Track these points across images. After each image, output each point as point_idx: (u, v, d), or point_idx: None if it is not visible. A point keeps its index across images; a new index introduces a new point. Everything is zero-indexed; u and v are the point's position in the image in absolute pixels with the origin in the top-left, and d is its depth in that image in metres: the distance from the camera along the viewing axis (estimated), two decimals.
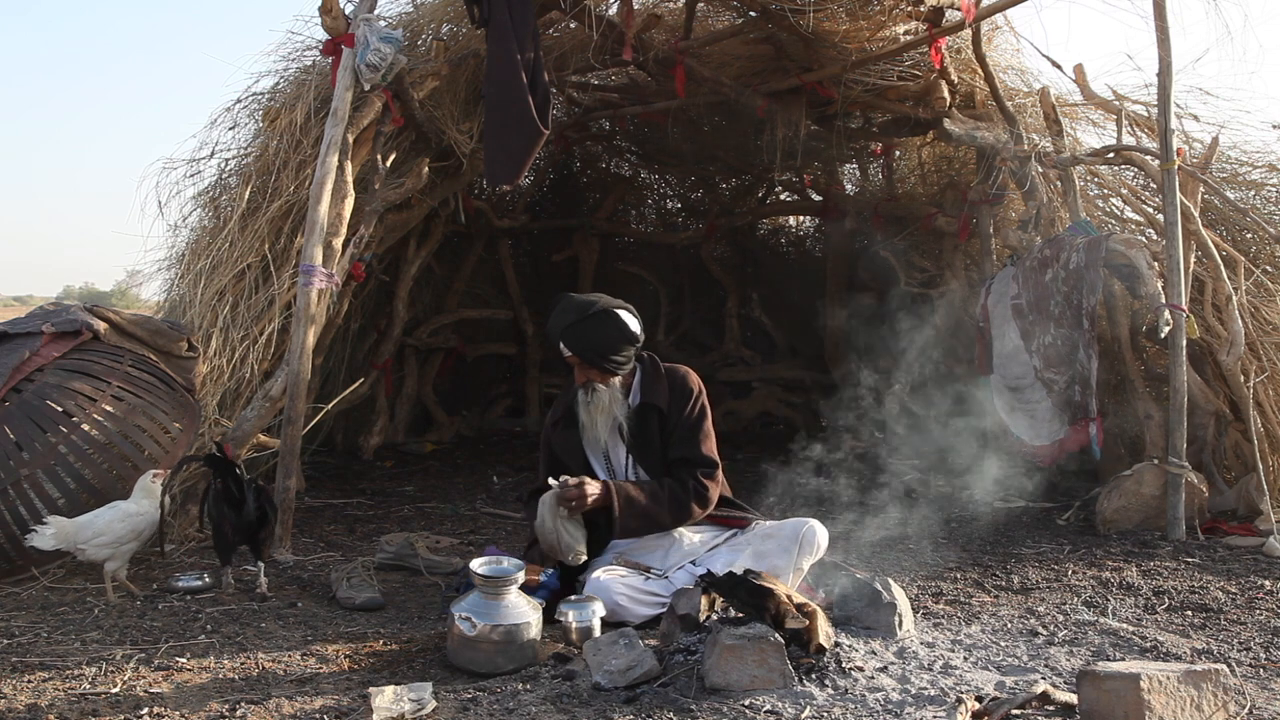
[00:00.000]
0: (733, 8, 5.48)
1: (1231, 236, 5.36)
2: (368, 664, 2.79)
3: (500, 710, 2.41)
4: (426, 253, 6.85)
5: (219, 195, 5.05)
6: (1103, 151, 5.23)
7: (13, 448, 3.53)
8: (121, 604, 3.29)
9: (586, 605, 2.93)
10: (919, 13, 5.00)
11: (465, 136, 5.41)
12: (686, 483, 3.30)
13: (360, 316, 6.54)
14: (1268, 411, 4.76)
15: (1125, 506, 4.44)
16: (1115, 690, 2.23)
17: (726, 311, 8.61)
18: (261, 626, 3.11)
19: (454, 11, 5.46)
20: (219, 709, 2.41)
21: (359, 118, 4.55)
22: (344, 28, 4.38)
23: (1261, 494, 4.44)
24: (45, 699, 2.47)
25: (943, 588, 3.60)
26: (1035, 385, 4.84)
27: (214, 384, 4.30)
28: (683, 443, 3.34)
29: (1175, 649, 2.88)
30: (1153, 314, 4.46)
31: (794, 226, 9.52)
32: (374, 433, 6.78)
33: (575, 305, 3.33)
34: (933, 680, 2.55)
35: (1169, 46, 4.35)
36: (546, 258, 8.67)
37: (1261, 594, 3.49)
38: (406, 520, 4.90)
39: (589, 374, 3.34)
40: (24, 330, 3.87)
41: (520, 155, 4.43)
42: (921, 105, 5.69)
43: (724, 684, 2.45)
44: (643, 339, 3.38)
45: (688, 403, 3.37)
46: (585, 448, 3.42)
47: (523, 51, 4.35)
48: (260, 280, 4.54)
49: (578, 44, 5.54)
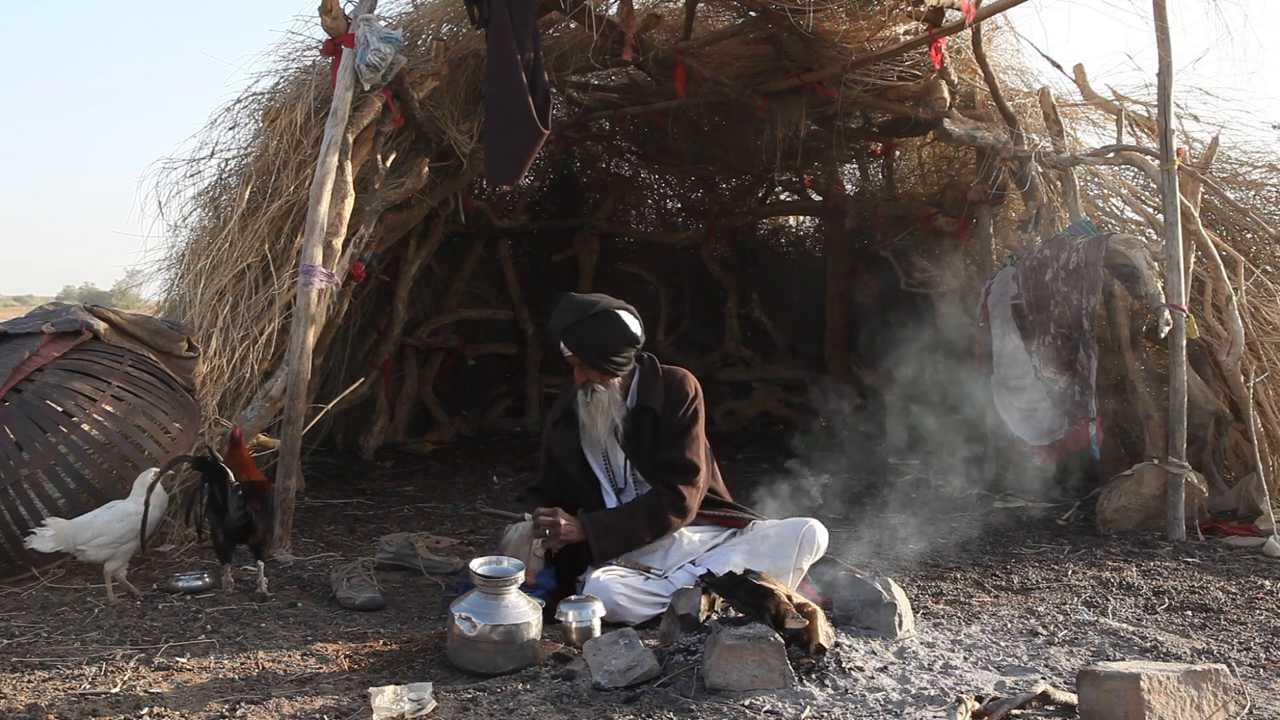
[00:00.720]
0: (733, 8, 5.47)
1: (1231, 236, 5.36)
2: (368, 664, 2.79)
3: (500, 710, 2.41)
4: (426, 253, 6.85)
5: (219, 195, 5.05)
6: (1103, 151, 5.23)
7: (13, 448, 3.53)
8: (121, 604, 3.29)
9: (586, 605, 2.93)
10: (919, 13, 4.99)
11: (465, 136, 5.41)
12: (662, 495, 3.29)
13: (360, 316, 6.54)
14: (1268, 411, 4.75)
15: (1125, 506, 4.44)
16: (1115, 690, 2.23)
17: (726, 311, 8.60)
18: (261, 626, 3.11)
19: (454, 11, 5.46)
20: (219, 709, 2.41)
21: (359, 118, 4.55)
22: (344, 28, 4.38)
23: (1261, 494, 4.44)
24: (45, 699, 2.47)
25: (943, 588, 3.60)
26: (1035, 385, 4.84)
27: (214, 384, 4.30)
28: (669, 445, 3.33)
29: (1175, 649, 2.88)
30: (1153, 314, 4.46)
31: (794, 226, 9.52)
32: (374, 433, 6.78)
33: (576, 305, 3.33)
34: (933, 680, 2.55)
35: (1169, 46, 4.35)
36: (546, 258, 8.67)
37: (1261, 594, 3.49)
38: (406, 520, 4.90)
39: (589, 374, 3.34)
40: (24, 330, 3.87)
41: (520, 155, 4.43)
42: (921, 105, 5.69)
43: (724, 684, 2.45)
44: (643, 340, 3.38)
45: (681, 405, 3.36)
46: (584, 448, 3.42)
47: (523, 51, 4.34)
48: (260, 280, 4.54)
49: (578, 44, 5.53)
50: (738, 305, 8.61)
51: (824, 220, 8.48)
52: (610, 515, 3.31)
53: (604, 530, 3.25)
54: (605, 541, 3.24)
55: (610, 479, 3.42)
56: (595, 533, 3.23)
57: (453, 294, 7.83)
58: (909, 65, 5.57)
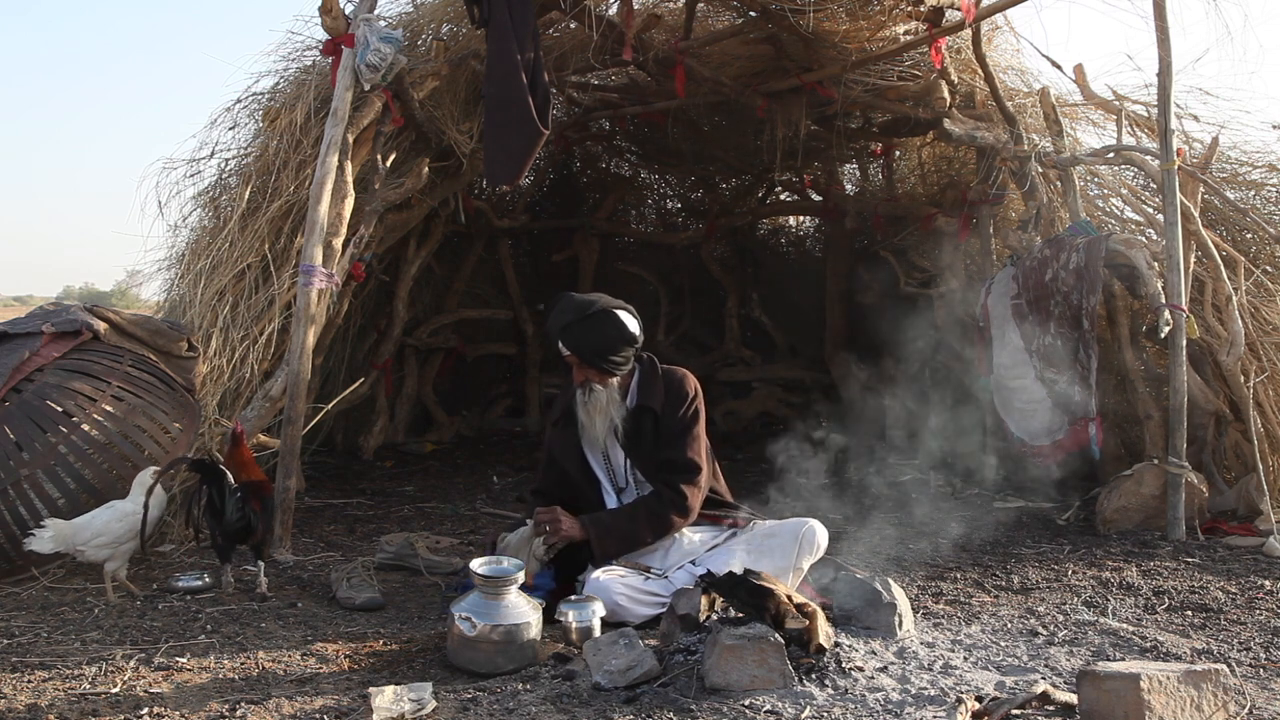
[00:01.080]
0: (733, 8, 5.47)
1: (1231, 236, 5.36)
2: (368, 664, 2.79)
3: (500, 710, 2.41)
4: (426, 253, 6.85)
5: (219, 195, 5.05)
6: (1103, 151, 5.23)
7: (13, 448, 3.53)
8: (121, 604, 3.29)
9: (586, 605, 2.93)
10: (919, 13, 4.99)
11: (465, 136, 5.41)
12: (663, 495, 3.29)
13: (360, 316, 6.54)
14: (1268, 411, 4.75)
15: (1125, 506, 4.44)
16: (1115, 690, 2.23)
17: (726, 311, 8.60)
18: (261, 626, 3.11)
19: (454, 11, 5.46)
20: (219, 709, 2.41)
21: (359, 118, 4.55)
22: (344, 28, 4.38)
23: (1261, 494, 4.44)
24: (45, 699, 2.47)
25: (943, 588, 3.60)
26: (1035, 385, 4.84)
27: (214, 384, 4.30)
28: (670, 444, 3.33)
29: (1175, 649, 2.88)
30: (1153, 314, 4.46)
31: (794, 226, 9.51)
32: (374, 433, 6.78)
33: (575, 305, 3.33)
34: (933, 680, 2.55)
35: (1169, 46, 4.35)
36: (546, 258, 8.67)
37: (1261, 594, 3.49)
38: (406, 520, 4.90)
39: (587, 373, 3.34)
40: (24, 330, 3.87)
41: (520, 155, 4.43)
42: (921, 105, 5.69)
43: (724, 684, 2.45)
44: (642, 340, 3.38)
45: (682, 405, 3.36)
46: (584, 448, 3.42)
47: (523, 51, 4.34)
48: (260, 280, 4.54)
49: (578, 44, 5.53)
50: (738, 305, 8.61)
51: (824, 220, 8.48)
52: (612, 515, 3.31)
53: (605, 530, 3.25)
54: (607, 542, 3.24)
55: (611, 479, 3.42)
56: (597, 532, 3.24)
57: (453, 294, 7.83)
58: (909, 65, 5.57)
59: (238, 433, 3.58)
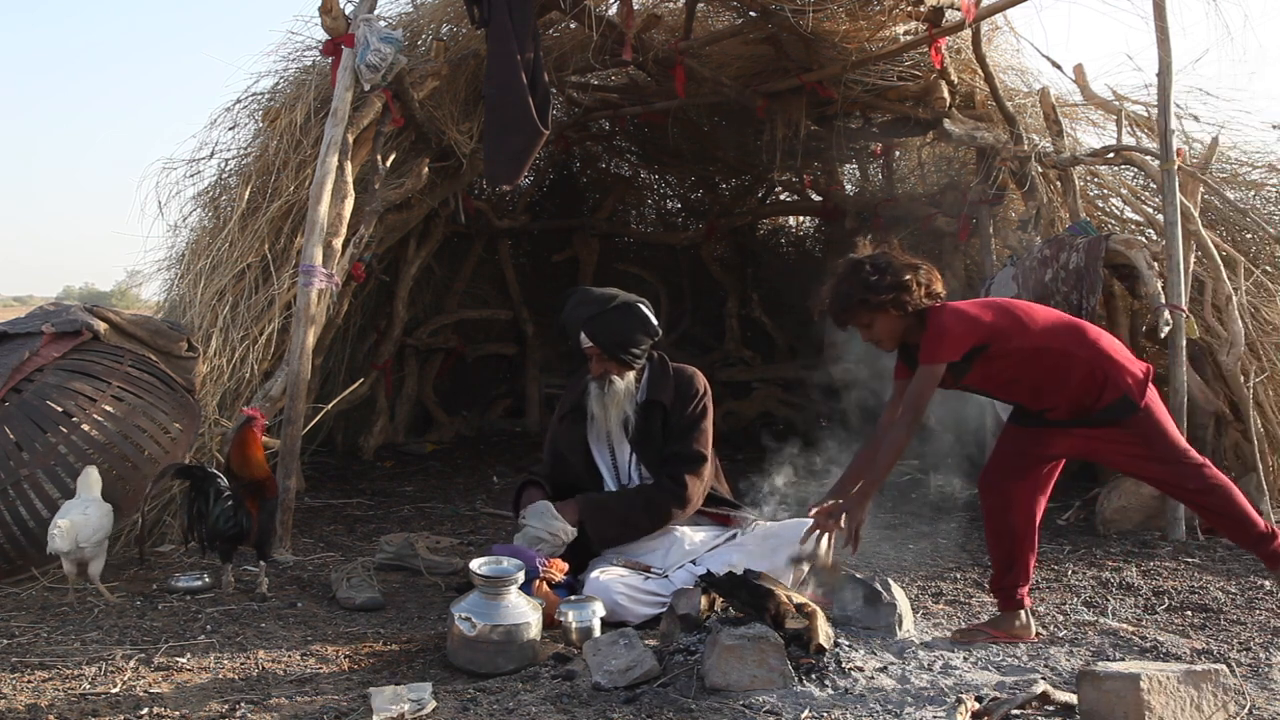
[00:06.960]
0: (733, 8, 5.47)
1: (1231, 236, 5.35)
2: (368, 664, 2.79)
3: (500, 710, 2.41)
4: (426, 253, 6.84)
5: (219, 195, 5.05)
6: (1103, 151, 5.22)
7: (13, 448, 3.53)
8: (121, 604, 3.29)
9: (586, 605, 2.94)
10: (919, 13, 4.99)
11: (465, 136, 5.41)
12: (662, 483, 3.30)
13: (360, 316, 6.54)
14: (1268, 411, 4.75)
15: (1125, 506, 4.44)
16: (1115, 690, 2.23)
17: (726, 311, 8.59)
18: (261, 626, 3.11)
19: (454, 11, 5.46)
20: (219, 709, 2.41)
21: (359, 118, 4.54)
22: (344, 28, 4.38)
23: (1261, 494, 4.44)
24: (45, 699, 2.47)
25: (943, 588, 3.60)
26: None
27: (214, 384, 4.30)
28: (677, 438, 3.35)
29: (1175, 649, 2.88)
30: (1153, 314, 4.46)
31: (794, 226, 9.51)
32: (374, 433, 6.77)
33: (596, 298, 3.36)
34: (933, 680, 2.55)
35: (1169, 47, 4.35)
36: (546, 258, 8.66)
37: (1261, 594, 3.49)
38: (406, 520, 4.90)
39: (607, 365, 3.35)
40: (24, 330, 3.87)
41: (520, 155, 4.43)
42: (921, 105, 5.69)
43: (724, 684, 2.45)
44: (660, 333, 3.41)
45: (690, 402, 3.38)
46: (591, 442, 3.43)
47: (523, 52, 4.35)
48: (260, 280, 4.53)
49: (578, 44, 5.53)
50: (738, 305, 8.61)
51: (824, 220, 8.48)
52: (608, 496, 3.31)
53: (599, 509, 3.24)
54: (600, 523, 3.23)
55: (614, 474, 3.43)
56: (590, 512, 3.23)
57: (453, 294, 7.82)
58: (909, 65, 5.57)
59: (253, 421, 3.51)
